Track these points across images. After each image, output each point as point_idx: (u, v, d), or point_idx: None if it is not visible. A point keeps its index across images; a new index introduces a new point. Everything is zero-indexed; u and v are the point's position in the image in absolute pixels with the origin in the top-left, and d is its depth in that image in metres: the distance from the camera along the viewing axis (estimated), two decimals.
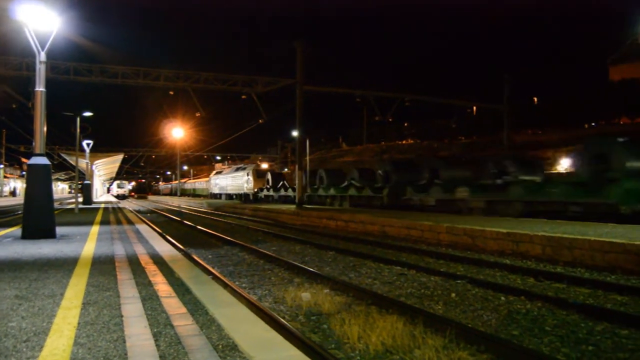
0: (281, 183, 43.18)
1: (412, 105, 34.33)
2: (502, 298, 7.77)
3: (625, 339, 5.74)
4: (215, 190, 64.87)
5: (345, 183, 31.73)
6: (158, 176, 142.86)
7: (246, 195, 50.54)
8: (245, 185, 51.10)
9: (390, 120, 34.63)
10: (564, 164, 31.79)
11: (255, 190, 47.93)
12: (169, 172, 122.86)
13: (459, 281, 9.08)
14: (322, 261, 12.00)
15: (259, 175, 49.46)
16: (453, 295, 8.06)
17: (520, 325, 6.33)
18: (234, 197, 55.08)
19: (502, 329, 6.20)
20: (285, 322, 6.00)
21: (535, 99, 67.31)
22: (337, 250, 13.56)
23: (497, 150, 37.06)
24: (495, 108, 37.07)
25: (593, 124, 54.31)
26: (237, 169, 56.54)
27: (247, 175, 50.81)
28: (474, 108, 57.45)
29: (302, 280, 9.40)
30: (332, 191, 32.87)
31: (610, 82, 58.47)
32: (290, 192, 38.40)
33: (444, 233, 14.64)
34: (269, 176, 46.96)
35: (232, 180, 56.11)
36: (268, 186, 45.43)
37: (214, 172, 72.02)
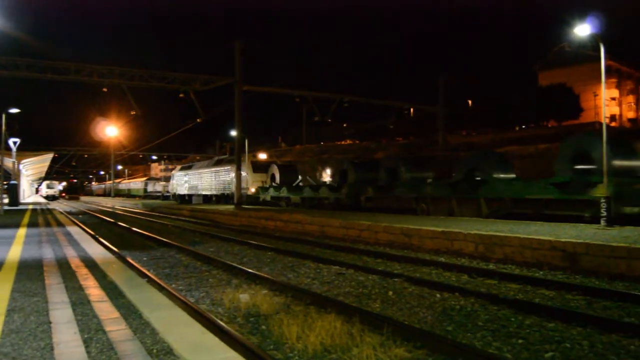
0: (298, 179, 34.66)
1: (352, 106, 34.71)
2: (438, 295, 7.97)
3: (552, 331, 6.00)
4: (182, 191, 50.33)
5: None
6: (91, 176, 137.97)
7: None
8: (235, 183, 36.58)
9: (329, 120, 34.84)
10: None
11: (254, 190, 35.74)
12: (102, 172, 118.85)
13: (396, 279, 9.25)
14: (260, 262, 11.93)
15: (257, 168, 38.09)
16: (390, 293, 8.20)
17: (454, 321, 6.51)
18: (214, 198, 42.43)
19: (438, 325, 6.35)
20: (223, 324, 5.92)
21: (470, 101, 69.52)
22: (276, 251, 13.51)
23: (436, 149, 37.40)
24: (431, 110, 38.04)
25: (523, 126, 56.61)
26: (219, 162, 42.89)
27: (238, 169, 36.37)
28: (411, 110, 58.78)
29: (240, 282, 9.31)
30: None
31: (539, 86, 61.16)
32: (325, 193, 27.62)
33: (382, 232, 14.86)
34: (275, 170, 36.03)
35: (212, 177, 42.77)
36: (275, 183, 35.17)
37: (179, 167, 56.87)
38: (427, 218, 17.73)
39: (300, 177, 35.97)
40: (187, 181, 49.82)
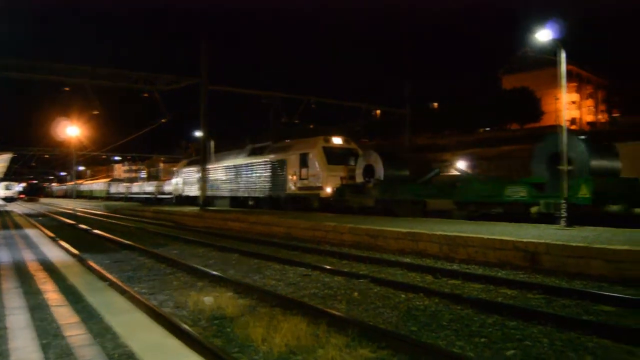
0: (434, 172, 22.22)
1: (320, 108, 34.79)
2: (402, 295, 8.03)
3: (514, 329, 6.11)
4: (193, 192, 38.66)
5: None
6: (52, 177, 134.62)
7: (292, 198, 27.11)
8: (302, 179, 26.20)
9: (296, 122, 34.84)
10: (461, 166, 32.90)
11: (330, 190, 24.29)
12: (63, 173, 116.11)
13: (361, 280, 9.29)
14: (226, 264, 11.82)
15: (333, 158, 25.51)
16: (356, 294, 8.22)
17: (419, 321, 6.57)
18: (251, 202, 31.38)
19: (402, 325, 6.40)
20: (187, 327, 5.84)
21: (436, 104, 70.46)
22: (241, 253, 13.42)
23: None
24: (397, 112, 38.41)
25: (487, 128, 57.69)
26: (261, 150, 31.05)
27: (303, 157, 26.16)
28: (377, 112, 59.23)
29: (205, 284, 9.20)
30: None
31: (502, 90, 62.44)
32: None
33: (347, 233, 14.92)
34: (376, 160, 22.93)
35: (248, 173, 31.38)
36: (373, 180, 22.49)
37: (184, 161, 44.95)
38: (397, 219, 17.87)
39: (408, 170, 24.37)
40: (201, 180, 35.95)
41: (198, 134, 34.36)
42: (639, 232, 11.72)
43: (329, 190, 24.45)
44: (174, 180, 45.49)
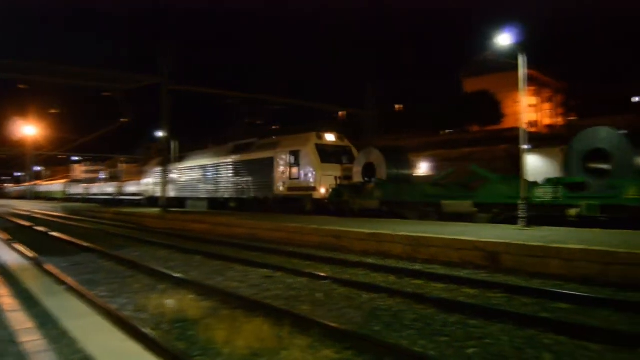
0: (448, 171, 21.30)
1: (285, 109, 34.76)
2: (366, 296, 8.07)
3: (475, 328, 6.22)
4: (173, 192, 34.64)
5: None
6: (7, 178, 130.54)
7: (281, 200, 24.85)
8: (292, 178, 24.08)
9: (258, 122, 34.73)
10: (424, 167, 32.74)
11: (324, 191, 22.53)
12: (19, 174, 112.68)
13: (325, 281, 9.29)
14: (188, 266, 11.67)
15: (327, 156, 23.60)
16: (319, 295, 8.23)
17: (382, 321, 6.61)
18: (233, 203, 28.87)
19: (365, 325, 6.43)
20: (147, 331, 5.73)
21: (398, 106, 71.21)
22: (204, 255, 13.27)
23: None
24: (361, 113, 38.68)
25: (450, 130, 58.60)
26: (246, 147, 28.68)
27: (294, 155, 24.11)
28: (340, 113, 59.54)
29: (166, 287, 9.05)
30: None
31: (464, 93, 63.54)
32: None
33: (311, 234, 14.92)
34: (377, 157, 20.96)
35: (230, 172, 28.82)
36: (373, 179, 20.48)
37: (158, 160, 38.35)
38: (360, 220, 17.95)
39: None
40: (176, 180, 35.32)
41: (160, 134, 33.84)
42: (593, 232, 12.08)
43: (323, 191, 22.59)
44: (144, 181, 42.13)
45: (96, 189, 63.84)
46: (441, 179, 19.96)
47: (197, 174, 32.88)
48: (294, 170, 23.87)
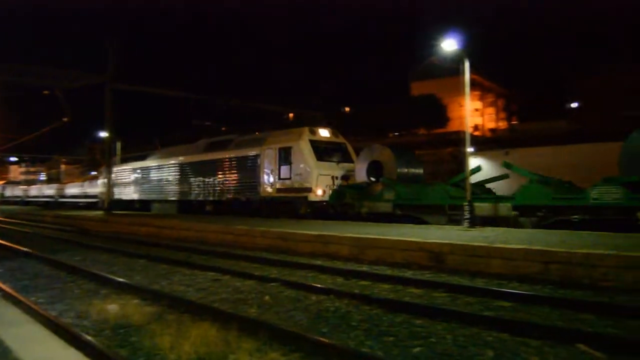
0: (474, 169, 17.69)
1: (232, 110, 34.45)
2: (313, 298, 8.08)
3: (420, 327, 6.32)
4: (128, 194, 33.68)
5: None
6: None
7: (269, 202, 22.42)
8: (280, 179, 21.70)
9: (207, 123, 34.29)
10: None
11: (321, 192, 20.29)
12: None
13: (272, 284, 9.25)
14: (132, 270, 11.37)
15: (324, 154, 21.39)
16: (267, 297, 8.18)
17: (329, 322, 6.63)
18: (209, 206, 26.46)
19: (313, 327, 6.43)
20: (89, 338, 5.54)
21: (348, 108, 71.70)
22: (148, 258, 12.97)
23: None
24: (310, 115, 38.78)
25: (397, 133, 59.49)
26: (216, 145, 26.85)
27: (284, 152, 21.69)
28: (290, 115, 59.48)
29: (109, 292, 8.79)
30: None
31: (411, 96, 64.67)
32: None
33: (260, 237, 14.84)
34: (387, 156, 19.66)
35: (202, 172, 26.51)
36: (387, 179, 18.69)
37: (115, 159, 34.61)
38: (311, 222, 17.96)
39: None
40: (140, 180, 32.28)
41: (103, 134, 32.85)
42: (533, 233, 12.52)
43: (320, 192, 20.18)
44: (100, 181, 38.13)
45: (35, 191, 61.45)
46: (463, 179, 17.63)
47: (164, 174, 30.03)
48: (285, 169, 21.41)
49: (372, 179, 19.47)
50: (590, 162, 17.79)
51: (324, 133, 22.18)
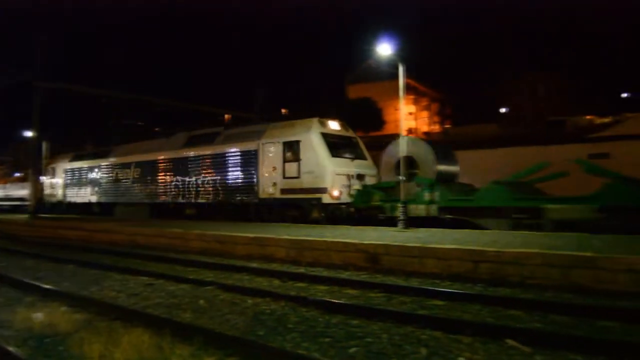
0: (539, 165, 16.10)
1: (166, 111, 33.68)
2: (250, 301, 8.00)
3: (356, 327, 6.37)
4: (83, 197, 30.22)
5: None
6: None
7: (270, 205, 19.61)
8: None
9: (140, 124, 33.37)
10: None
11: (338, 193, 17.78)
12: None
13: (208, 287, 9.09)
14: (59, 276, 10.88)
15: (338, 148, 18.94)
16: (202, 302, 8.03)
17: (265, 325, 6.57)
18: (190, 210, 23.48)
19: (249, 330, 6.36)
20: (11, 349, 5.26)
21: (284, 110, 71.66)
22: (77, 263, 12.46)
23: None
24: (247, 116, 38.48)
25: None
26: (198, 139, 23.80)
27: (290, 147, 18.93)
28: (226, 116, 58.84)
29: (34, 299, 8.37)
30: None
31: (348, 99, 65.37)
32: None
33: (195, 240, 14.57)
34: (420, 150, 17.85)
35: (182, 170, 23.43)
36: (429, 179, 16.86)
37: (69, 155, 33.36)
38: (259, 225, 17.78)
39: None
40: (99, 180, 28.70)
41: (29, 134, 31.27)
42: (464, 233, 12.92)
43: (336, 192, 17.60)
44: (47, 181, 34.02)
45: None
46: (524, 175, 15.54)
47: (131, 174, 26.39)
48: (292, 166, 18.60)
49: (402, 177, 16.77)
50: (514, 164, 18.45)
51: (334, 125, 19.73)
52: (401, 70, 15.40)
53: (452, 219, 15.29)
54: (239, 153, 20.73)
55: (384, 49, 15.45)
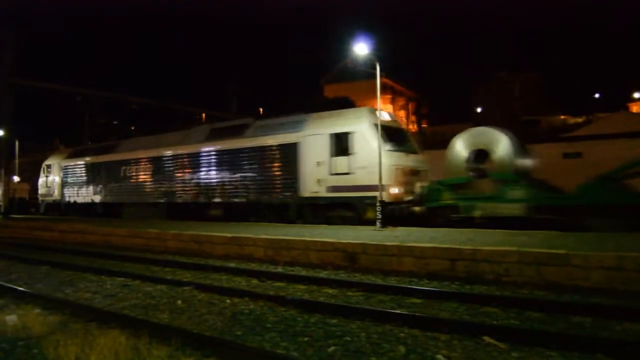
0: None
1: (141, 109, 33.31)
2: (228, 301, 7.96)
3: (335, 326, 6.38)
4: (86, 197, 27.76)
5: None
6: None
7: (315, 204, 17.54)
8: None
9: (115, 122, 32.95)
10: None
11: (398, 190, 16.12)
12: None
13: (185, 288, 9.02)
14: (33, 277, 10.69)
15: (394, 136, 17.29)
16: (179, 302, 7.96)
17: (244, 325, 6.55)
18: (216, 210, 21.34)
19: (227, 330, 6.33)
20: None
21: (261, 109, 71.45)
22: (51, 265, 12.25)
23: None
24: (223, 116, 38.27)
25: None
26: (223, 132, 21.36)
27: (340, 139, 16.93)
28: (203, 115, 58.46)
29: (7, 302, 8.19)
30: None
31: (325, 98, 65.39)
32: None
33: (171, 240, 14.44)
34: (498, 141, 15.76)
35: (207, 166, 21.14)
36: (499, 175, 15.25)
37: (67, 151, 31.74)
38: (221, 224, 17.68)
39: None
40: (105, 178, 26.10)
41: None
42: (440, 231, 13.03)
43: (396, 190, 15.89)
44: (41, 180, 31.45)
45: None
46: (620, 170, 13.68)
47: (145, 171, 23.79)
48: (342, 161, 16.70)
49: (475, 174, 15.79)
50: None
51: (385, 116, 17.60)
52: (377, 69, 15.46)
53: (543, 219, 13.68)
54: (275, 147, 18.45)
55: (361, 49, 15.48)
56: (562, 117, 49.02)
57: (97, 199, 26.49)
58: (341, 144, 16.73)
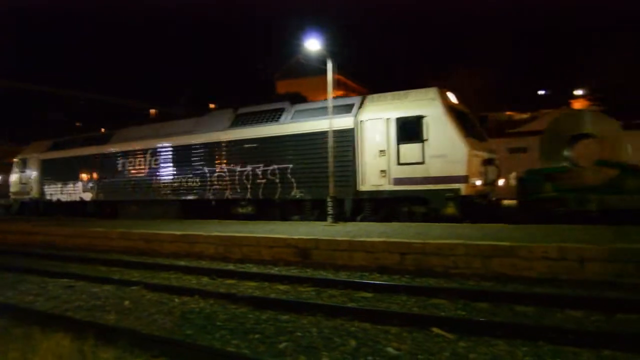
0: None
1: (88, 105, 32.39)
2: (177, 300, 7.83)
3: (286, 322, 6.37)
4: (68, 195, 24.31)
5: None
6: None
7: (375, 199, 15.24)
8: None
9: (66, 119, 31.91)
10: None
11: (480, 182, 14.17)
12: None
13: (133, 287, 8.81)
14: None
15: (463, 126, 14.54)
16: (127, 302, 7.77)
17: (194, 324, 6.45)
18: (245, 208, 17.89)
19: (177, 330, 6.22)
20: None
21: (212, 105, 70.57)
22: None
23: None
24: (172, 112, 37.66)
25: None
26: (251, 117, 18.48)
27: (407, 125, 14.59)
28: (152, 111, 57.35)
29: None
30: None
31: (277, 94, 65.12)
32: None
33: (118, 239, 14.08)
34: (595, 123, 15.06)
35: (233, 157, 18.22)
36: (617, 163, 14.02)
37: (47, 143, 27.03)
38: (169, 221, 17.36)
39: None
40: (100, 172, 22.60)
41: None
42: (392, 226, 13.19)
43: (478, 182, 14.01)
44: (15, 176, 27.42)
45: None
46: None
47: (148, 164, 20.82)
48: (411, 149, 14.50)
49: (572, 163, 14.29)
50: None
51: (453, 98, 15.59)
52: (329, 65, 15.48)
53: None
54: (326, 133, 15.28)
55: (312, 44, 15.45)
56: (508, 113, 50.34)
57: (88, 196, 23.20)
58: (411, 130, 14.49)
